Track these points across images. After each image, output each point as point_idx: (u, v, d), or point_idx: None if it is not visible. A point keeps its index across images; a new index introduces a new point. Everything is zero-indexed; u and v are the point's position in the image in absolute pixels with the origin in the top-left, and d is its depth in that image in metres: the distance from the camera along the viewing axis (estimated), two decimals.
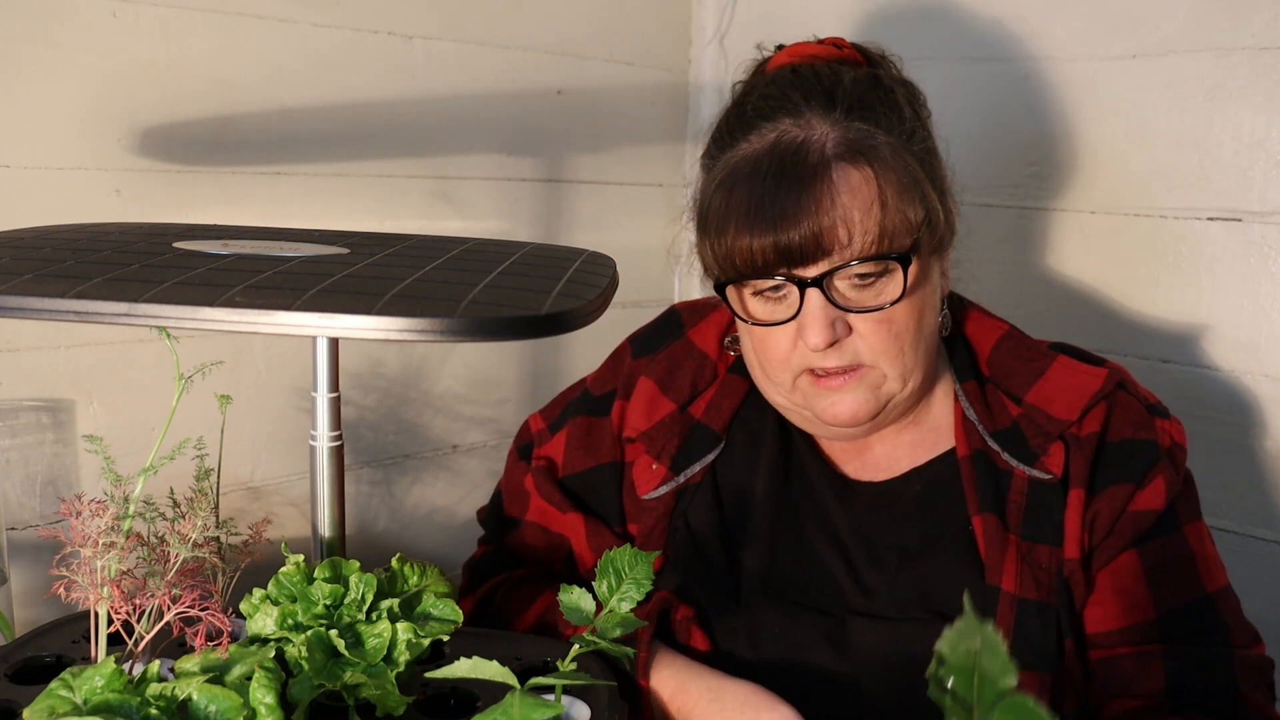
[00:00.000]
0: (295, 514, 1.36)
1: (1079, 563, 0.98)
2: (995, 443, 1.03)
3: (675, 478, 1.08)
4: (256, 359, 1.32)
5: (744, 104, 1.03)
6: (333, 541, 0.92)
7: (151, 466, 0.84)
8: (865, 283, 0.96)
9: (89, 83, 1.16)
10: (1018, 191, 1.45)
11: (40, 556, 1.15)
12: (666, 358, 1.13)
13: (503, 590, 1.15)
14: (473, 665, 0.77)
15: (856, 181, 0.95)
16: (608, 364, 1.18)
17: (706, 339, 1.14)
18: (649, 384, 1.12)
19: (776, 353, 1.00)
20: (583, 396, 1.17)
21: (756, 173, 0.96)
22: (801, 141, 0.96)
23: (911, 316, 0.98)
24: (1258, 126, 1.26)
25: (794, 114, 0.99)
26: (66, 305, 0.71)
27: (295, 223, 1.30)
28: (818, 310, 0.96)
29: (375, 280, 0.78)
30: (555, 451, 1.15)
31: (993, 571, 0.98)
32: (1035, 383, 1.04)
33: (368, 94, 1.37)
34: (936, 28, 1.49)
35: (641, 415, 1.11)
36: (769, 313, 0.99)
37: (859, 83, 1.01)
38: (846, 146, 0.96)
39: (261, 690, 0.75)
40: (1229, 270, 1.30)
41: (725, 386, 1.12)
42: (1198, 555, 1.01)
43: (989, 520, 1.00)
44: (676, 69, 1.73)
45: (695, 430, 1.10)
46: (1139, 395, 1.04)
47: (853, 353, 0.98)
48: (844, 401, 0.99)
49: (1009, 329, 1.09)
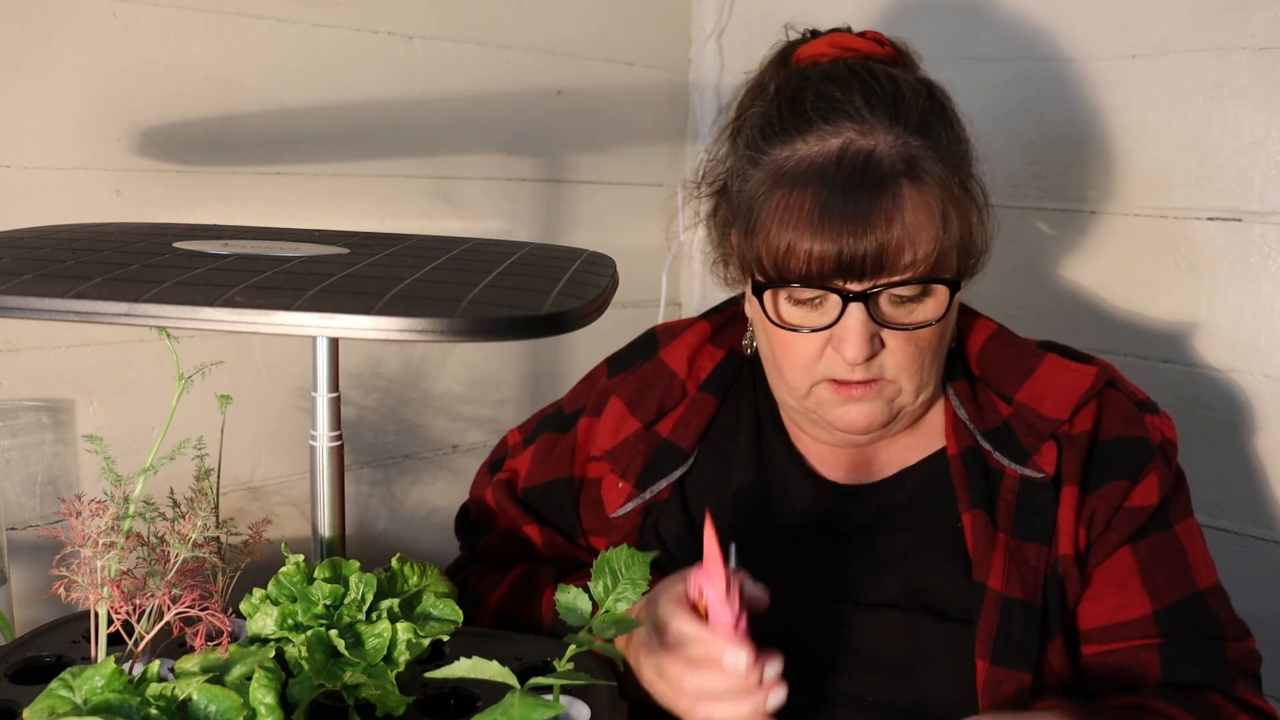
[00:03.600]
0: (295, 514, 1.36)
1: (1073, 559, 0.99)
2: (987, 442, 1.03)
3: (641, 495, 1.08)
4: (256, 359, 1.32)
5: (800, 98, 1.00)
6: (333, 541, 0.92)
7: (151, 466, 0.84)
8: (904, 301, 0.96)
9: (89, 83, 1.16)
10: (1018, 191, 1.45)
11: (40, 556, 1.15)
12: (638, 378, 1.13)
13: (475, 574, 1.17)
14: (473, 665, 0.77)
15: (922, 200, 0.94)
16: (583, 383, 1.19)
17: (677, 358, 1.13)
18: (618, 404, 1.11)
19: (800, 359, 0.99)
20: (556, 414, 1.19)
21: (824, 179, 0.94)
22: (870, 152, 0.95)
23: (937, 335, 0.99)
24: (1258, 126, 1.26)
25: (857, 120, 0.96)
26: (66, 305, 0.71)
27: (295, 223, 1.30)
28: (860, 325, 0.95)
29: (375, 280, 0.78)
30: (522, 464, 1.17)
31: (979, 568, 0.98)
32: (1025, 381, 1.04)
33: (368, 94, 1.37)
34: (936, 27, 1.49)
35: (608, 434, 1.11)
36: (803, 318, 0.98)
37: (918, 93, 1.00)
38: (913, 163, 0.95)
39: (261, 690, 0.75)
40: (1229, 270, 1.30)
41: (694, 405, 1.11)
42: (1189, 552, 1.01)
43: (978, 517, 1.00)
44: (676, 68, 1.73)
45: (663, 448, 1.10)
46: (1128, 392, 1.04)
47: (879, 368, 0.97)
48: (860, 411, 0.99)
49: (997, 328, 1.09)
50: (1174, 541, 1.01)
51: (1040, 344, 1.08)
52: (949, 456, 1.04)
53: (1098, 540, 1.00)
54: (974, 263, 1.01)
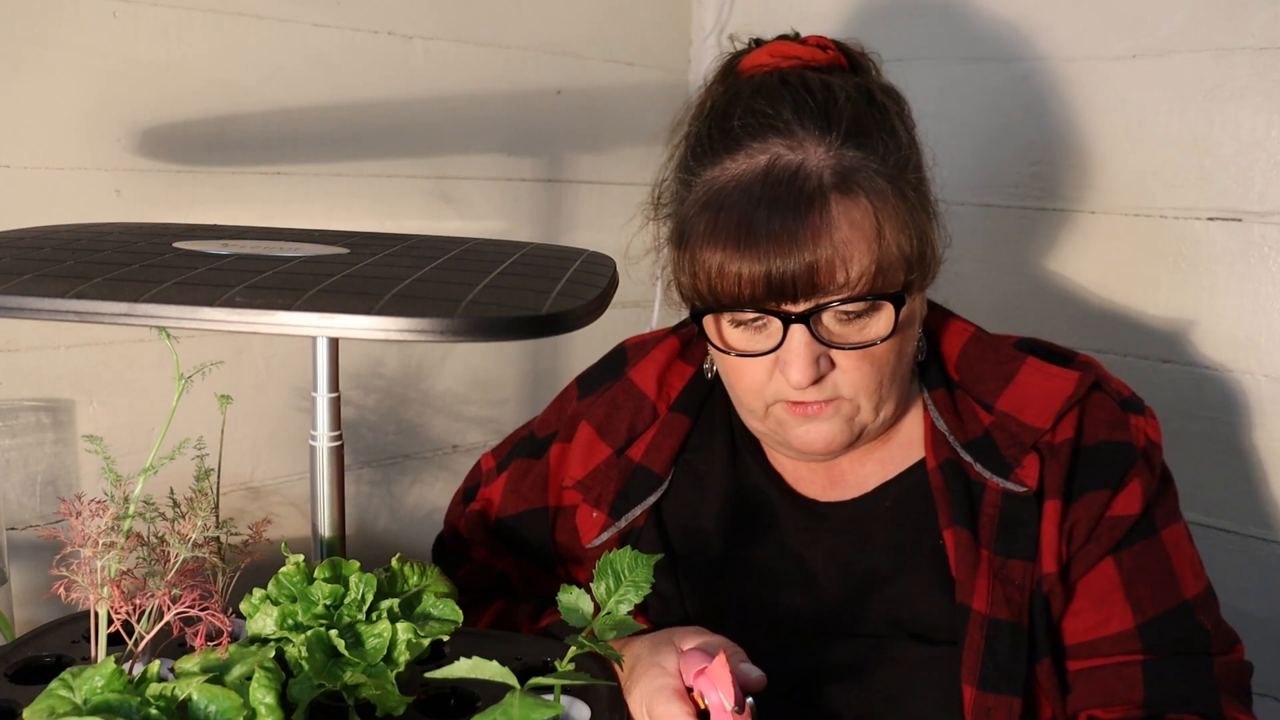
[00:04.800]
0: (295, 514, 1.36)
1: (1057, 576, 0.96)
2: (967, 454, 1.00)
3: (615, 524, 1.05)
4: (256, 359, 1.32)
5: (729, 115, 0.97)
6: (333, 541, 0.92)
7: (151, 466, 0.84)
8: (851, 317, 0.93)
9: (89, 83, 1.16)
10: (1018, 191, 1.45)
11: (40, 556, 1.15)
12: (607, 400, 1.10)
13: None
14: (473, 665, 0.77)
15: (854, 215, 0.90)
16: (554, 405, 1.16)
17: (646, 379, 1.10)
18: (588, 429, 1.09)
19: (751, 382, 0.97)
20: (528, 438, 1.16)
21: (749, 198, 0.91)
22: (797, 169, 0.91)
23: (894, 351, 0.95)
24: (1258, 126, 1.26)
25: (786, 134, 0.93)
26: (66, 305, 0.71)
27: (295, 223, 1.30)
28: (802, 348, 0.92)
29: (375, 280, 0.78)
30: (495, 493, 1.15)
31: (963, 589, 0.95)
32: (1005, 388, 1.01)
33: (368, 94, 1.37)
34: (936, 26, 1.49)
35: (579, 462, 1.08)
36: (748, 343, 0.96)
37: (854, 100, 0.96)
38: (844, 176, 0.91)
39: (261, 690, 0.75)
40: (1229, 270, 1.30)
41: (666, 426, 1.08)
42: (1175, 560, 0.98)
43: (960, 535, 0.97)
44: (676, 69, 1.73)
45: (635, 473, 1.07)
46: (1112, 391, 1.01)
47: (832, 387, 0.95)
48: (818, 430, 0.97)
49: (975, 331, 1.06)
50: (1159, 549, 0.98)
51: (1019, 343, 1.05)
52: (928, 470, 1.01)
53: (1078, 552, 0.97)
54: (922, 274, 0.96)
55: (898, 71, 1.09)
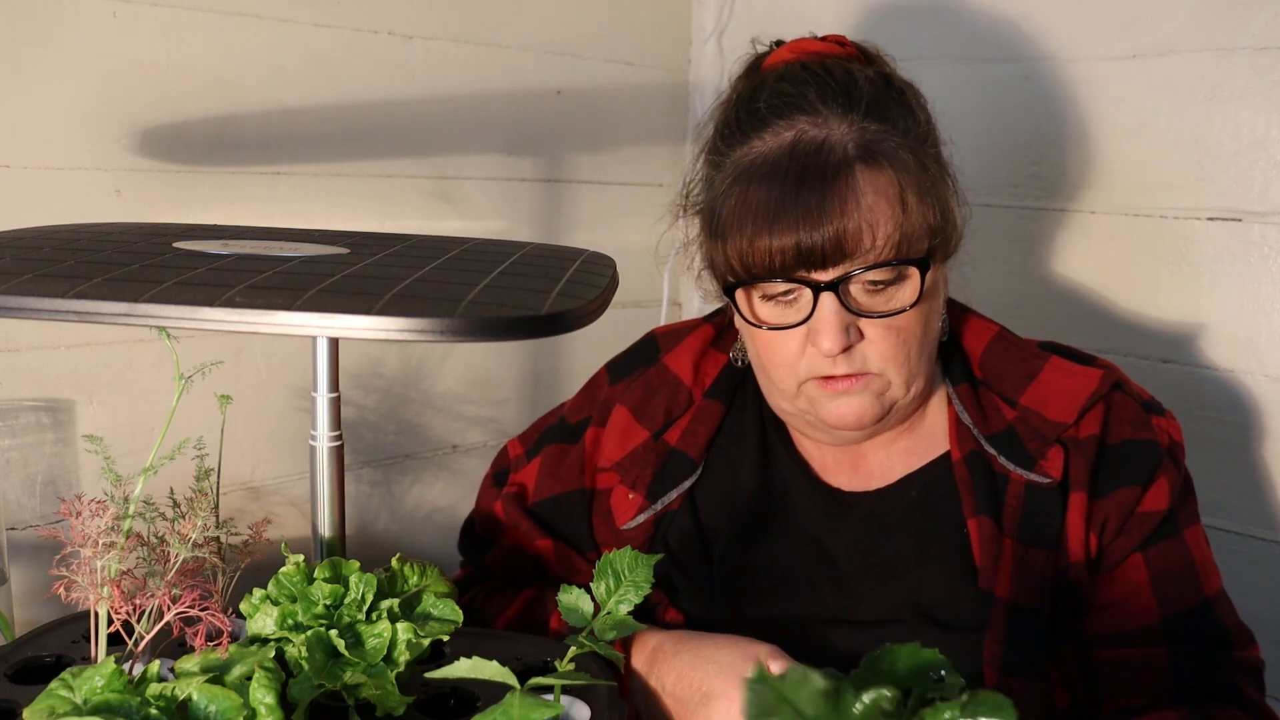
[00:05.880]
0: (295, 514, 1.36)
1: (1084, 565, 0.98)
2: (991, 446, 1.02)
3: (652, 506, 1.07)
4: (256, 359, 1.32)
5: (755, 99, 1.01)
6: (333, 541, 0.92)
7: (151, 466, 0.84)
8: (878, 288, 0.95)
9: (89, 83, 1.16)
10: (1018, 191, 1.45)
11: (40, 556, 1.15)
12: (642, 384, 1.12)
13: (481, 595, 1.15)
14: (473, 665, 0.77)
15: (879, 184, 0.93)
16: (585, 391, 1.18)
17: (682, 365, 1.12)
18: (624, 412, 1.11)
19: (784, 358, 0.99)
20: (559, 424, 1.17)
21: (776, 172, 0.94)
22: (822, 141, 0.95)
23: (920, 323, 0.98)
24: (1258, 126, 1.26)
25: (810, 112, 0.97)
26: (66, 305, 0.71)
27: (295, 223, 1.30)
28: (832, 315, 0.94)
29: (375, 280, 0.78)
30: (529, 478, 1.16)
31: (986, 576, 0.97)
32: (1029, 385, 1.03)
33: (368, 94, 1.37)
34: (936, 27, 1.49)
35: (616, 444, 1.10)
36: (779, 316, 0.98)
37: (873, 82, 0.99)
38: (867, 148, 0.94)
39: (261, 690, 0.75)
40: (1229, 270, 1.30)
41: (701, 413, 1.10)
42: (1197, 559, 1.01)
43: (984, 524, 0.99)
44: (676, 69, 1.73)
45: (671, 457, 1.09)
46: (1134, 394, 1.04)
47: (861, 360, 0.97)
48: (850, 405, 0.98)
49: (1000, 330, 1.08)
50: (1183, 548, 1.00)
51: (1042, 345, 1.08)
52: (953, 461, 1.03)
53: (1109, 546, 0.99)
54: (945, 242, 0.99)
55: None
